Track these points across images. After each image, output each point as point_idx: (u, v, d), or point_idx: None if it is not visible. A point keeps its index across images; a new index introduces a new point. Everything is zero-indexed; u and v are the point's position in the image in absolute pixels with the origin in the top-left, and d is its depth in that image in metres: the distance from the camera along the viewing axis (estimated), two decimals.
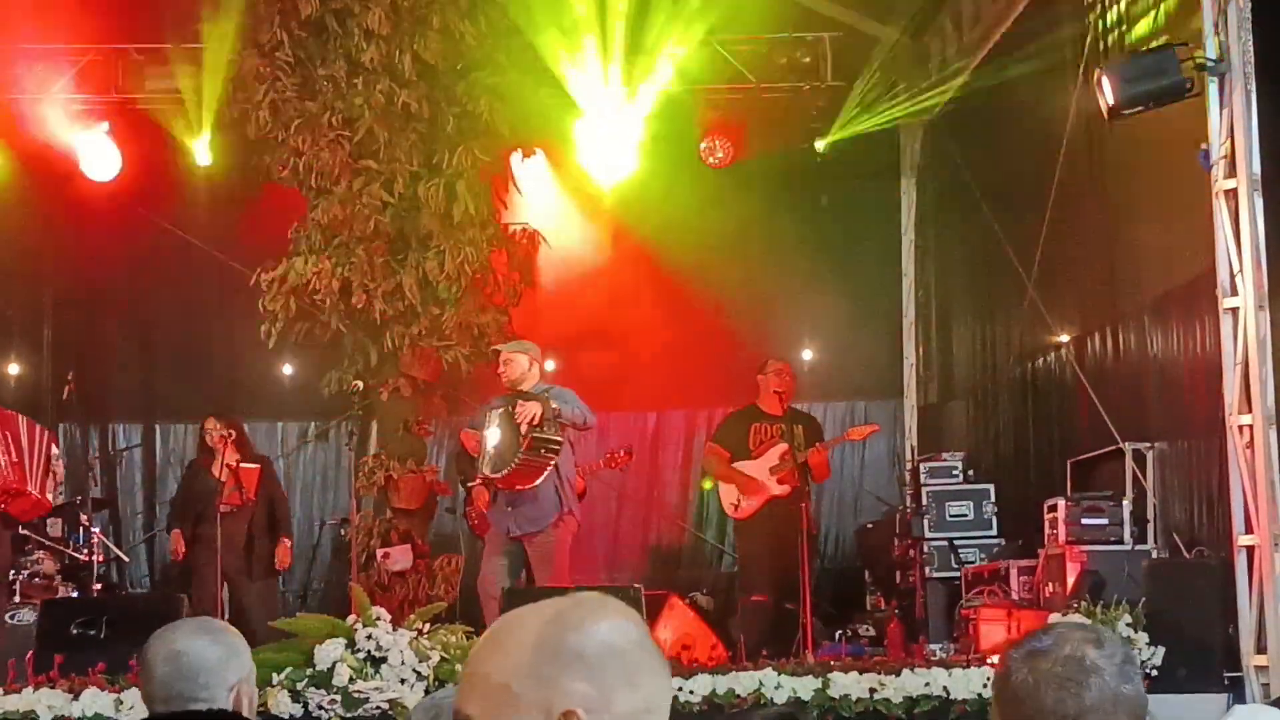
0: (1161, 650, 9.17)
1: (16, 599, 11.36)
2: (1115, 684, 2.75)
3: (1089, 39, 11.57)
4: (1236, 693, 8.92)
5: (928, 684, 9.18)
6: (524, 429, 10.53)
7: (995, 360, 14.56)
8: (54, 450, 11.40)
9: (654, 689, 2.20)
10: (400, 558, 13.09)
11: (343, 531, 14.24)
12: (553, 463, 10.66)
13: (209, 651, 4.11)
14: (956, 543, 13.04)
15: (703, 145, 14.73)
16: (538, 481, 10.67)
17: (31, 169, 14.56)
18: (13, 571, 11.56)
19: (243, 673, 4.17)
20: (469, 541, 14.03)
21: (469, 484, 12.13)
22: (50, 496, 11.38)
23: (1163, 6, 10.18)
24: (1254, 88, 8.99)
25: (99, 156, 14.27)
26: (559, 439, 10.62)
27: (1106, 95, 9.45)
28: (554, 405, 10.59)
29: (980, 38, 13.66)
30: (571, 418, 10.65)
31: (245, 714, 4.13)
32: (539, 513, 10.77)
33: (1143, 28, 10.51)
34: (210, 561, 12.02)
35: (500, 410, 10.80)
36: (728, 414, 13.26)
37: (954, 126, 14.80)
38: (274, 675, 8.58)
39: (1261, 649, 8.88)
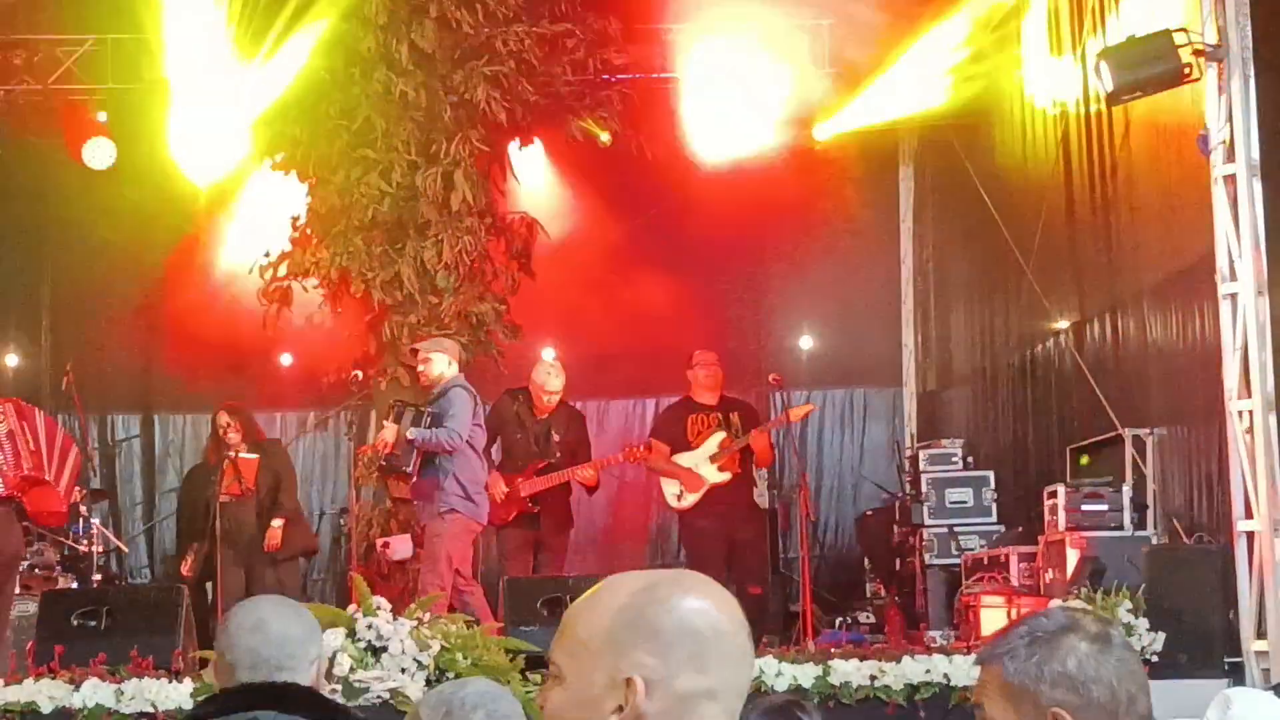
0: (1162, 636, 9.18)
1: (17, 590, 11.36)
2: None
3: (1087, 24, 11.55)
4: (1237, 678, 8.94)
5: (928, 671, 9.19)
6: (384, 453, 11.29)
7: (994, 347, 14.55)
8: (77, 474, 11.45)
9: (723, 676, 2.27)
10: (400, 547, 13.08)
11: (342, 521, 14.24)
12: (407, 481, 11.41)
13: (294, 625, 4.20)
14: (956, 529, 13.05)
15: (692, 134, 14.75)
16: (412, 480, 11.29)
17: (29, 159, 14.54)
18: None
19: (320, 650, 4.27)
20: None
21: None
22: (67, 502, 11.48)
23: None
24: (1252, 73, 9.00)
25: (96, 146, 14.25)
26: (406, 469, 11.17)
27: (1105, 80, 9.46)
28: (409, 435, 11.04)
29: (980, 25, 13.64)
30: (429, 445, 11.00)
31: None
32: (431, 507, 11.05)
33: (1141, 12, 10.49)
34: (214, 553, 12.04)
35: (407, 413, 11.24)
36: (664, 409, 13.37)
37: (951, 113, 14.76)
38: None
39: (1262, 634, 8.90)
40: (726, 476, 12.44)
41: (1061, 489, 11.18)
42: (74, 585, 12.28)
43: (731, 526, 12.41)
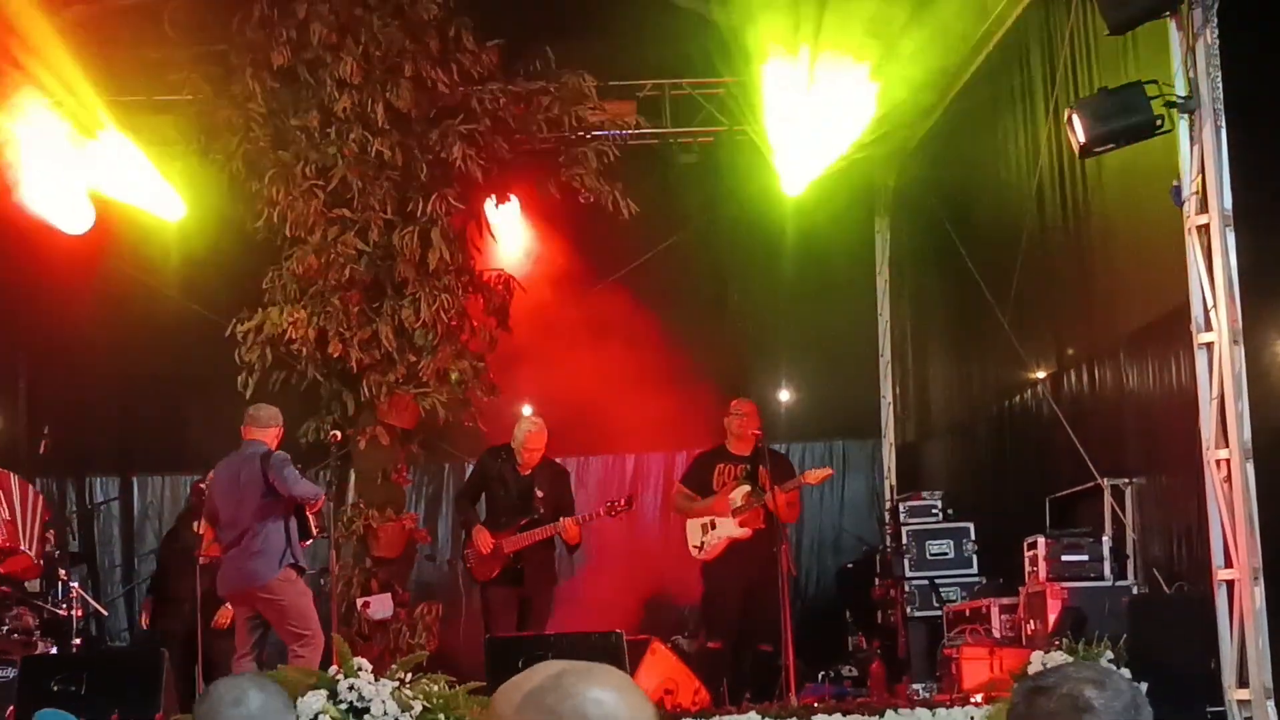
0: (1144, 686, 9.14)
1: None
2: None
3: (1059, 77, 11.62)
4: None
5: None
6: None
7: (973, 398, 14.58)
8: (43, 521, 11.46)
9: None
10: (381, 607, 13.04)
11: (322, 581, 14.17)
12: None
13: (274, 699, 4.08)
14: (937, 581, 13.05)
15: (674, 187, 14.82)
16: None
17: (3, 223, 14.52)
18: None
19: None
20: (449, 588, 13.99)
21: (470, 527, 12.18)
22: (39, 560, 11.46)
23: (1132, 44, 10.22)
24: (1224, 123, 9.05)
25: (72, 209, 14.21)
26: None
27: (1078, 133, 9.50)
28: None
29: (952, 74, 13.72)
30: None
31: None
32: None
33: (1112, 65, 10.55)
34: (181, 616, 11.99)
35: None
36: (697, 454, 13.27)
37: (926, 166, 14.85)
38: None
39: (1243, 683, 8.89)
40: (746, 532, 12.23)
41: (1041, 540, 11.18)
42: (53, 650, 12.20)
43: (751, 582, 12.16)
